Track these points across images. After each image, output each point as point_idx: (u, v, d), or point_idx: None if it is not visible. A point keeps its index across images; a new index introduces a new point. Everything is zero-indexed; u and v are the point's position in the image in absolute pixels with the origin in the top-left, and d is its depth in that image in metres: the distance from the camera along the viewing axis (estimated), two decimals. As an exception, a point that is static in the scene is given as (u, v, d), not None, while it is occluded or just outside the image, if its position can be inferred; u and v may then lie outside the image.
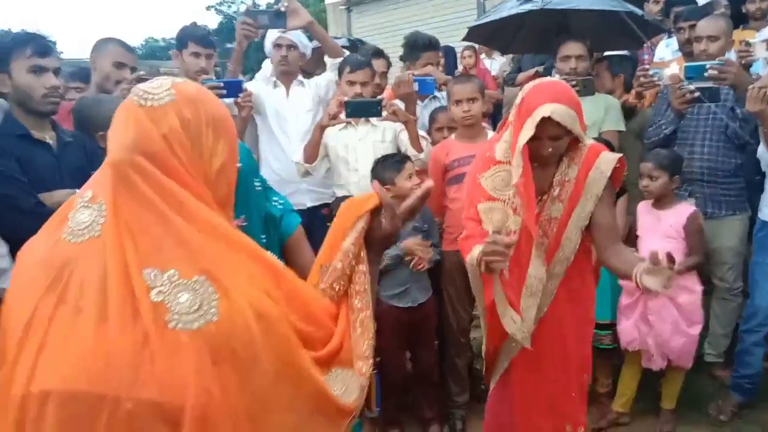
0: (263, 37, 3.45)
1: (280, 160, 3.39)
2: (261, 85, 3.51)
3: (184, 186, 1.02)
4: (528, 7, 3.69)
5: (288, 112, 3.42)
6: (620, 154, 2.10)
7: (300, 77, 3.53)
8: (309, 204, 3.37)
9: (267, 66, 3.67)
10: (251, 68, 4.02)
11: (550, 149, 1.97)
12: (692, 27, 3.47)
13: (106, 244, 0.99)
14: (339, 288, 1.21)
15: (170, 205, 1.00)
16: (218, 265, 1.01)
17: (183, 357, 0.94)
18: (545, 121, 1.89)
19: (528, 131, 1.91)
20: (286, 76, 3.48)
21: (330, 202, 3.39)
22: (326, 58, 3.55)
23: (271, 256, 1.13)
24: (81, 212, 1.03)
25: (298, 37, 3.45)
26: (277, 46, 3.43)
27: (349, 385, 1.15)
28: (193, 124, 1.05)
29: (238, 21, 3.28)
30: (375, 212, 1.24)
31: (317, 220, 3.22)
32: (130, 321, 0.95)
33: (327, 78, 3.53)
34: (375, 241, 1.25)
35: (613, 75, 3.75)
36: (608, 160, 2.04)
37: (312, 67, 3.76)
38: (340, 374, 1.14)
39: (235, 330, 0.98)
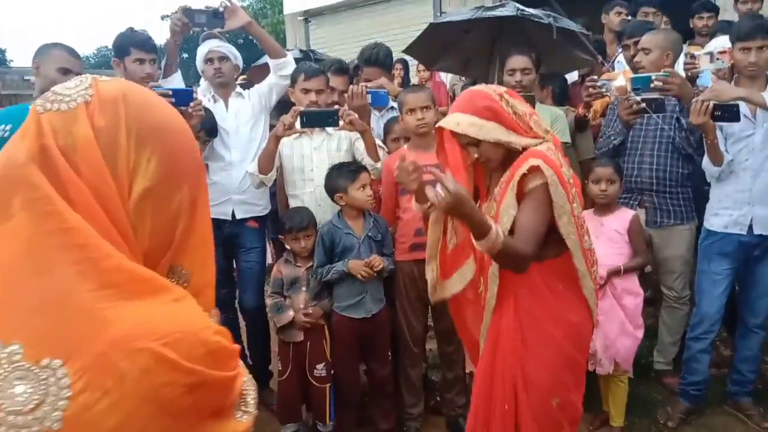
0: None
1: (223, 171, 3.36)
2: (203, 99, 3.47)
3: (90, 219, 0.75)
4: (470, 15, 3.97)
5: (229, 125, 3.39)
6: (535, 162, 1.97)
7: (238, 89, 3.51)
8: (239, 216, 3.37)
9: (204, 84, 3.63)
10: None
11: (475, 155, 2.06)
12: (636, 43, 3.57)
13: None
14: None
15: (61, 245, 0.74)
16: (95, 343, 0.71)
17: None
18: (453, 132, 2.04)
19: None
20: (223, 88, 3.45)
21: (262, 215, 3.46)
22: (267, 59, 3.52)
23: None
24: None
25: (229, 48, 3.45)
26: (209, 60, 3.41)
27: None
28: (108, 133, 0.78)
29: (173, 17, 3.28)
30: None
31: (242, 232, 3.37)
32: None
33: (268, 82, 3.50)
34: None
35: (542, 87, 3.83)
36: (524, 165, 1.95)
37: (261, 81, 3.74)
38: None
39: None
